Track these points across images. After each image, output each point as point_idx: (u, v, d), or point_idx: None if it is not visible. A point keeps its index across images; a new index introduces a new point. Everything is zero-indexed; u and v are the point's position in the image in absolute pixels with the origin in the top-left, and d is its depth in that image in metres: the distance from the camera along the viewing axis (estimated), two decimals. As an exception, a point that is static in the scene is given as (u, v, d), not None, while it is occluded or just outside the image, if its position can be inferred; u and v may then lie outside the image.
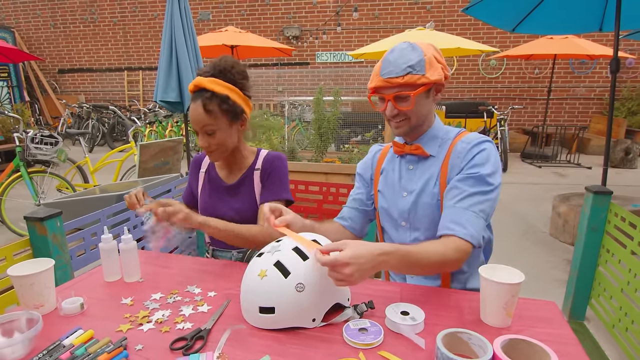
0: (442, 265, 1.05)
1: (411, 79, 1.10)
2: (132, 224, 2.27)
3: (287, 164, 1.49)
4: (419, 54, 1.11)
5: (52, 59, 10.75)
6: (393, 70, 1.11)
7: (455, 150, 1.18)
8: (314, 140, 3.07)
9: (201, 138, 1.31)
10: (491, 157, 1.14)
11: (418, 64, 1.10)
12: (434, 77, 1.11)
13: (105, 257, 1.11)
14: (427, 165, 1.22)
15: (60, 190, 4.17)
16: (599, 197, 1.94)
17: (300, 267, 0.90)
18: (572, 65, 8.67)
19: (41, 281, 0.93)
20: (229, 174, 1.48)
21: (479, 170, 1.11)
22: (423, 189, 1.21)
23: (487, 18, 4.37)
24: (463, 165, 1.14)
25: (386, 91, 1.14)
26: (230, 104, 1.30)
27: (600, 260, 1.95)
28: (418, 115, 1.17)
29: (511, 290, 0.86)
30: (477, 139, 1.16)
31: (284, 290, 0.88)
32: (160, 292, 1.06)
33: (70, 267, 1.75)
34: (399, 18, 9.08)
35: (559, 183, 5.73)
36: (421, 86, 1.12)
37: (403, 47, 1.13)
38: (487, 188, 1.11)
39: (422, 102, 1.16)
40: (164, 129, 7.40)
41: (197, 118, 1.28)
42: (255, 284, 0.90)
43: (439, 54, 1.16)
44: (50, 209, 1.69)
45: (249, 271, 0.95)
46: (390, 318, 0.88)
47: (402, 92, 1.12)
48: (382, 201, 1.31)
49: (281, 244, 0.95)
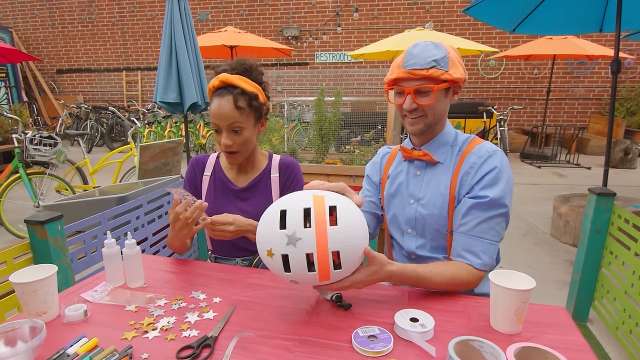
0: (452, 286, 1.07)
1: (435, 73, 1.09)
2: (132, 227, 2.25)
3: (299, 167, 1.49)
4: (443, 50, 1.11)
5: (51, 59, 10.71)
6: (417, 63, 1.09)
7: (466, 163, 1.15)
8: (315, 142, 3.05)
9: (226, 136, 1.25)
10: (502, 176, 1.11)
11: (442, 60, 1.09)
12: (457, 75, 1.11)
13: (108, 262, 1.10)
14: (435, 172, 1.20)
15: (60, 191, 4.15)
16: (602, 199, 1.93)
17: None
18: (571, 65, 8.68)
19: (44, 288, 0.92)
20: (238, 177, 1.43)
21: (489, 193, 1.09)
22: (430, 198, 1.18)
23: (488, 19, 4.36)
24: (474, 184, 1.12)
25: (407, 83, 1.12)
26: (258, 103, 1.29)
27: (604, 262, 1.95)
28: (435, 112, 1.15)
29: (522, 296, 0.85)
30: (487, 153, 1.13)
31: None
32: (164, 298, 1.04)
33: (71, 270, 1.74)
34: (398, 18, 9.08)
35: (559, 183, 5.73)
36: (444, 82, 1.11)
37: (427, 44, 1.12)
38: (499, 211, 1.10)
39: (441, 100, 1.14)
40: (163, 130, 7.38)
41: (225, 114, 1.23)
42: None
43: (459, 56, 1.16)
44: (50, 212, 1.68)
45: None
46: (400, 325, 0.87)
47: (425, 85, 1.10)
48: (389, 207, 1.30)
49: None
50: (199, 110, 3.79)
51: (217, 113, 1.24)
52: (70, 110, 9.23)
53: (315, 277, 0.86)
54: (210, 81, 1.30)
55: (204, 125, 7.74)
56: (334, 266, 0.86)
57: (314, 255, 0.84)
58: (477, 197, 1.10)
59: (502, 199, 1.09)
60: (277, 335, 0.89)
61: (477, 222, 1.09)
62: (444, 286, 1.07)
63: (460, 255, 1.12)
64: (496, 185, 1.09)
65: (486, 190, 1.09)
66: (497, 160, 1.11)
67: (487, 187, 1.09)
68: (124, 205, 2.18)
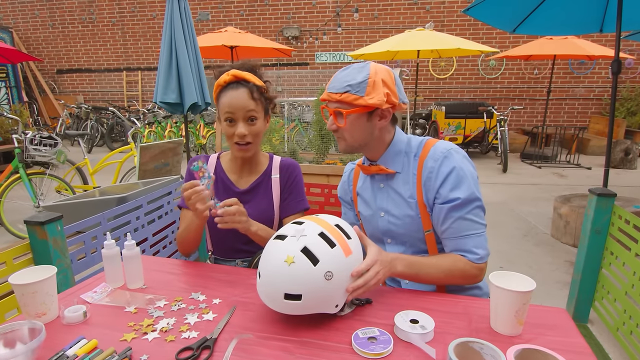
0: (451, 277, 1.12)
1: (347, 98, 1.11)
2: (132, 227, 2.25)
3: (300, 168, 1.49)
4: (364, 75, 1.11)
5: (51, 60, 10.72)
6: (335, 86, 1.13)
7: (425, 168, 1.16)
8: (315, 142, 3.05)
9: (242, 126, 1.28)
10: (463, 173, 1.12)
11: (358, 85, 1.10)
12: (372, 101, 1.10)
13: (108, 263, 1.10)
14: (397, 182, 1.21)
15: (60, 191, 4.15)
16: (602, 200, 1.93)
17: (328, 254, 0.89)
18: (572, 65, 8.68)
19: (43, 289, 0.92)
20: (240, 178, 1.44)
21: (458, 195, 1.11)
22: (397, 209, 1.21)
23: (488, 19, 4.36)
24: (437, 187, 1.13)
25: (329, 104, 1.17)
26: (267, 98, 1.34)
27: (604, 262, 1.95)
28: (353, 135, 1.16)
29: (523, 298, 0.85)
30: (442, 154, 1.14)
31: (313, 278, 0.87)
32: (164, 300, 1.04)
33: (71, 271, 1.74)
34: (399, 18, 9.08)
35: (559, 184, 5.73)
36: (356, 107, 1.12)
37: (355, 66, 1.14)
38: (474, 205, 1.12)
39: (358, 124, 1.15)
40: (163, 130, 7.38)
41: (242, 103, 1.26)
42: (281, 269, 0.88)
43: (391, 80, 1.14)
44: (50, 212, 1.68)
45: (271, 255, 0.92)
46: (400, 326, 0.87)
47: (338, 108, 1.13)
48: (365, 222, 1.33)
49: (305, 227, 0.93)
50: (199, 110, 3.79)
51: (233, 103, 1.26)
52: (70, 111, 9.23)
53: (339, 252, 0.91)
54: (217, 79, 1.32)
55: (204, 126, 7.74)
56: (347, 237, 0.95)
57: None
58: (449, 202, 1.12)
59: (472, 194, 1.11)
60: (276, 336, 0.89)
61: (459, 223, 1.12)
62: (443, 275, 1.11)
63: (455, 252, 1.15)
64: (462, 184, 1.11)
65: (455, 192, 1.11)
66: (453, 159, 1.13)
67: (454, 188, 1.11)
68: (124, 206, 2.17)
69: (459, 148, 1.17)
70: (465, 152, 1.18)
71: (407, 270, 1.08)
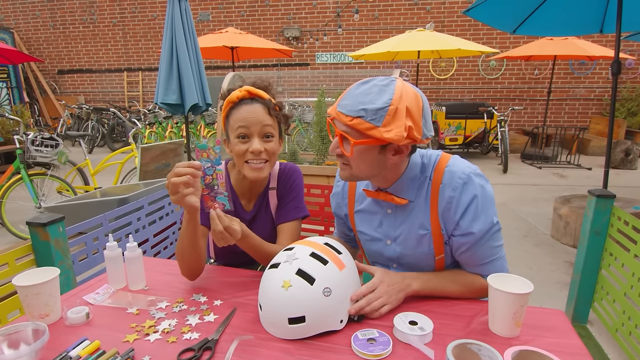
0: (469, 293, 1.07)
1: (358, 125, 0.92)
2: (134, 228, 2.26)
3: (302, 175, 1.39)
4: (385, 99, 0.91)
5: (52, 60, 10.73)
6: (347, 106, 0.94)
7: (442, 198, 1.02)
8: (315, 143, 3.06)
9: (258, 142, 1.15)
10: (484, 200, 1.00)
11: (375, 112, 0.91)
12: (389, 135, 0.91)
13: (110, 264, 1.11)
14: (408, 210, 1.08)
15: (61, 192, 4.16)
16: (601, 201, 1.94)
17: (323, 271, 0.90)
18: (572, 66, 8.68)
19: (47, 290, 0.93)
20: (248, 201, 1.33)
21: (479, 227, 1.00)
22: (408, 237, 1.09)
23: (488, 20, 4.37)
24: (458, 219, 1.01)
25: (337, 123, 1.00)
26: (284, 116, 1.25)
27: (603, 263, 1.95)
28: (360, 168, 1.00)
29: (520, 300, 0.85)
30: (461, 181, 1.00)
31: (313, 297, 0.88)
32: (166, 301, 1.05)
33: (73, 272, 1.75)
34: (399, 19, 9.08)
35: (560, 184, 5.73)
36: (368, 138, 0.94)
37: (376, 84, 0.95)
38: (493, 231, 1.03)
39: (367, 156, 0.98)
40: (164, 130, 7.40)
41: (258, 118, 1.15)
42: (279, 295, 0.89)
43: (418, 109, 0.95)
44: (52, 214, 1.69)
45: (269, 284, 0.92)
46: (399, 328, 0.87)
47: (346, 134, 0.96)
48: (366, 244, 1.20)
49: (296, 251, 0.94)
50: (199, 111, 3.80)
51: (249, 117, 1.15)
52: (71, 111, 9.25)
53: (333, 267, 0.92)
54: (224, 98, 1.23)
55: (204, 126, 7.75)
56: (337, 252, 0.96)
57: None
58: (469, 234, 1.01)
59: (492, 221, 1.02)
60: (277, 338, 0.90)
61: (480, 253, 1.05)
62: (462, 290, 1.07)
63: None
64: (483, 214, 1.00)
65: (476, 223, 1.00)
66: (473, 186, 1.00)
67: (476, 219, 1.00)
68: (125, 207, 2.19)
69: (475, 168, 1.03)
70: (478, 169, 1.05)
71: (424, 289, 1.03)
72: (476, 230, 1.00)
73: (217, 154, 0.99)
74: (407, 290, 1.01)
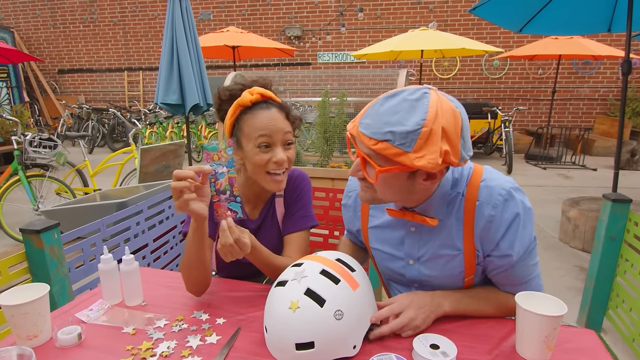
0: (501, 311, 1.00)
1: (385, 151, 0.78)
2: (132, 233, 2.19)
3: (310, 182, 1.30)
4: (417, 120, 0.77)
5: (52, 60, 10.68)
6: (371, 126, 0.80)
7: (480, 216, 0.91)
8: (319, 144, 2.98)
9: (282, 150, 1.07)
10: (526, 218, 0.91)
11: (405, 135, 0.77)
12: (421, 163, 0.77)
13: (105, 278, 1.03)
14: (435, 228, 0.96)
15: (60, 194, 4.10)
16: (617, 205, 1.88)
17: (334, 292, 0.82)
18: (576, 65, 8.60)
19: (35, 310, 0.85)
20: (253, 209, 1.25)
21: (520, 248, 0.92)
22: (434, 257, 0.98)
23: (494, 18, 4.29)
24: (498, 240, 0.91)
25: (358, 144, 0.86)
26: (297, 119, 1.17)
27: (619, 270, 1.89)
28: (385, 194, 0.89)
29: (553, 323, 0.78)
30: (501, 197, 0.89)
31: (323, 321, 0.79)
32: (164, 319, 0.97)
33: (68, 280, 1.68)
34: (402, 18, 9.00)
35: (565, 185, 5.65)
36: (397, 165, 0.80)
37: (405, 99, 0.80)
38: (532, 247, 0.95)
39: (394, 183, 0.86)
40: (165, 130, 7.34)
41: (280, 125, 1.06)
42: (286, 318, 0.81)
43: (456, 129, 0.79)
44: (47, 220, 1.62)
45: (275, 304, 0.84)
46: (419, 353, 0.80)
47: (370, 159, 0.83)
48: (383, 262, 1.08)
49: (304, 268, 0.86)
50: (200, 111, 3.73)
51: (270, 125, 1.05)
52: (71, 111, 9.19)
53: (346, 287, 0.84)
54: (223, 97, 1.14)
55: (205, 126, 7.68)
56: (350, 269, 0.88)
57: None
58: (507, 257, 0.92)
59: (530, 240, 0.94)
60: (285, 362, 0.83)
61: (518, 273, 0.97)
62: (494, 310, 0.99)
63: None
64: (524, 233, 0.92)
65: (517, 244, 0.91)
66: (515, 202, 0.90)
67: (517, 240, 0.91)
68: (124, 211, 2.11)
69: (512, 181, 0.93)
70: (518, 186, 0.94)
71: (455, 310, 0.95)
72: (515, 252, 0.92)
73: (229, 156, 0.91)
74: (437, 312, 0.93)
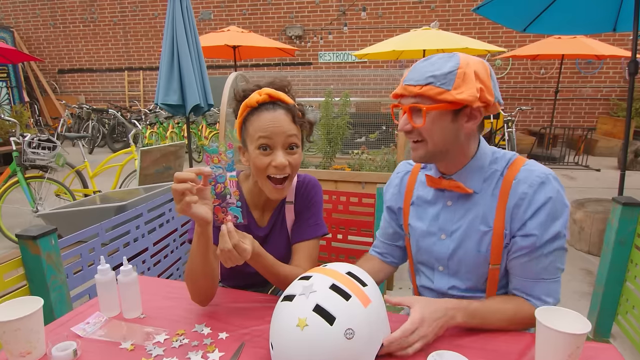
0: (514, 325, 0.97)
1: (429, 91, 0.92)
2: (132, 237, 2.15)
3: (322, 190, 1.27)
4: (452, 64, 0.92)
5: (52, 59, 10.64)
6: (414, 77, 0.95)
7: (514, 192, 0.96)
8: (322, 145, 2.94)
9: (282, 154, 1.03)
10: (559, 207, 0.94)
11: (444, 76, 0.91)
12: (462, 96, 0.90)
13: (102, 290, 0.99)
14: (471, 202, 1.02)
15: (59, 195, 4.05)
16: (628, 209, 1.83)
17: (345, 308, 0.77)
18: (579, 65, 8.55)
19: (28, 326, 0.81)
20: (262, 215, 1.21)
21: (547, 231, 0.93)
22: (466, 233, 1.02)
23: (498, 18, 4.26)
24: (527, 219, 0.95)
25: (404, 100, 0.99)
26: (307, 123, 1.12)
27: (629, 275, 1.85)
28: (435, 139, 0.97)
29: (577, 341, 0.74)
30: (539, 179, 0.95)
31: (332, 341, 0.74)
32: (164, 333, 0.93)
33: (67, 287, 1.63)
34: (403, 17, 8.96)
35: (569, 186, 5.60)
36: (441, 102, 0.92)
37: (440, 56, 0.95)
38: (557, 245, 0.95)
39: (441, 124, 0.95)
40: (165, 130, 7.29)
41: (283, 128, 1.03)
42: (294, 336, 0.76)
43: (486, 74, 0.94)
44: (43, 225, 1.57)
45: (281, 321, 0.80)
46: (434, 372, 0.76)
47: (416, 104, 0.95)
48: (416, 239, 1.12)
49: (313, 282, 0.81)
50: (201, 112, 3.69)
51: (271, 126, 1.02)
52: (71, 111, 9.14)
53: (357, 303, 0.79)
54: (240, 98, 1.11)
55: (206, 127, 7.64)
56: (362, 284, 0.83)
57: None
58: (531, 236, 0.94)
59: (561, 233, 0.94)
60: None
61: (535, 264, 0.96)
62: (506, 323, 0.96)
63: (518, 295, 1.00)
64: (555, 220, 0.93)
65: (544, 227, 0.93)
66: (551, 187, 0.94)
67: (544, 223, 0.93)
68: (123, 215, 2.07)
69: (555, 174, 0.98)
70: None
71: (468, 322, 0.93)
72: (539, 234, 0.94)
73: (229, 159, 0.89)
74: (449, 324, 0.91)
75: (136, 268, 2.20)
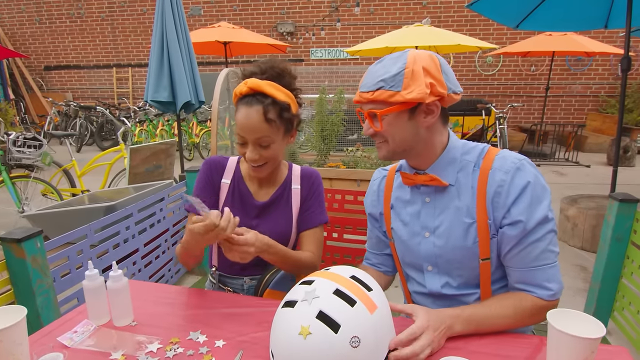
0: (517, 323, 0.96)
1: (381, 96, 0.93)
2: (122, 238, 2.09)
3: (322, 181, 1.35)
4: (400, 65, 0.93)
5: (38, 56, 10.42)
6: (367, 84, 0.97)
7: (491, 181, 0.96)
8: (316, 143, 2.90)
9: (252, 150, 1.12)
10: (539, 190, 0.94)
11: (393, 78, 0.92)
12: (412, 95, 0.91)
13: (90, 297, 0.93)
14: (449, 196, 1.01)
15: (46, 195, 3.95)
16: (624, 206, 1.83)
17: (350, 315, 0.73)
18: (569, 62, 8.61)
19: (10, 337, 0.76)
20: (259, 189, 1.28)
21: (532, 217, 0.93)
22: (449, 228, 1.01)
23: (491, 14, 4.25)
24: (509, 205, 0.94)
25: (362, 106, 1.01)
26: (290, 114, 1.15)
27: (625, 271, 1.85)
28: (396, 139, 0.98)
29: (592, 345, 0.71)
30: (513, 164, 0.95)
31: (337, 350, 0.70)
32: (157, 342, 0.88)
33: (53, 291, 1.58)
34: (395, 14, 8.94)
35: (560, 182, 5.64)
36: (394, 105, 0.94)
37: (391, 57, 0.96)
38: (548, 229, 0.94)
39: (399, 125, 0.97)
40: (155, 128, 7.19)
41: (253, 126, 1.09)
42: (296, 345, 0.71)
43: (436, 67, 0.94)
44: (28, 228, 1.51)
45: (283, 328, 0.76)
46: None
47: (372, 109, 0.96)
48: (400, 242, 1.11)
49: (316, 287, 0.76)
50: (192, 109, 3.62)
51: (244, 125, 1.10)
52: (59, 108, 8.97)
53: (362, 309, 0.76)
54: (237, 85, 1.15)
55: (197, 124, 7.54)
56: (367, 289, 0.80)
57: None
58: (518, 222, 0.93)
59: (548, 216, 0.93)
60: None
61: (529, 251, 0.94)
62: (509, 322, 0.94)
63: (520, 288, 0.98)
64: (538, 204, 0.93)
65: (529, 212, 0.92)
66: (527, 172, 0.94)
67: (529, 208, 0.92)
68: (113, 215, 2.01)
69: (530, 160, 0.98)
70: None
71: (467, 328, 0.91)
72: (526, 219, 0.92)
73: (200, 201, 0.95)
74: (449, 334, 0.89)
75: (126, 271, 2.14)
